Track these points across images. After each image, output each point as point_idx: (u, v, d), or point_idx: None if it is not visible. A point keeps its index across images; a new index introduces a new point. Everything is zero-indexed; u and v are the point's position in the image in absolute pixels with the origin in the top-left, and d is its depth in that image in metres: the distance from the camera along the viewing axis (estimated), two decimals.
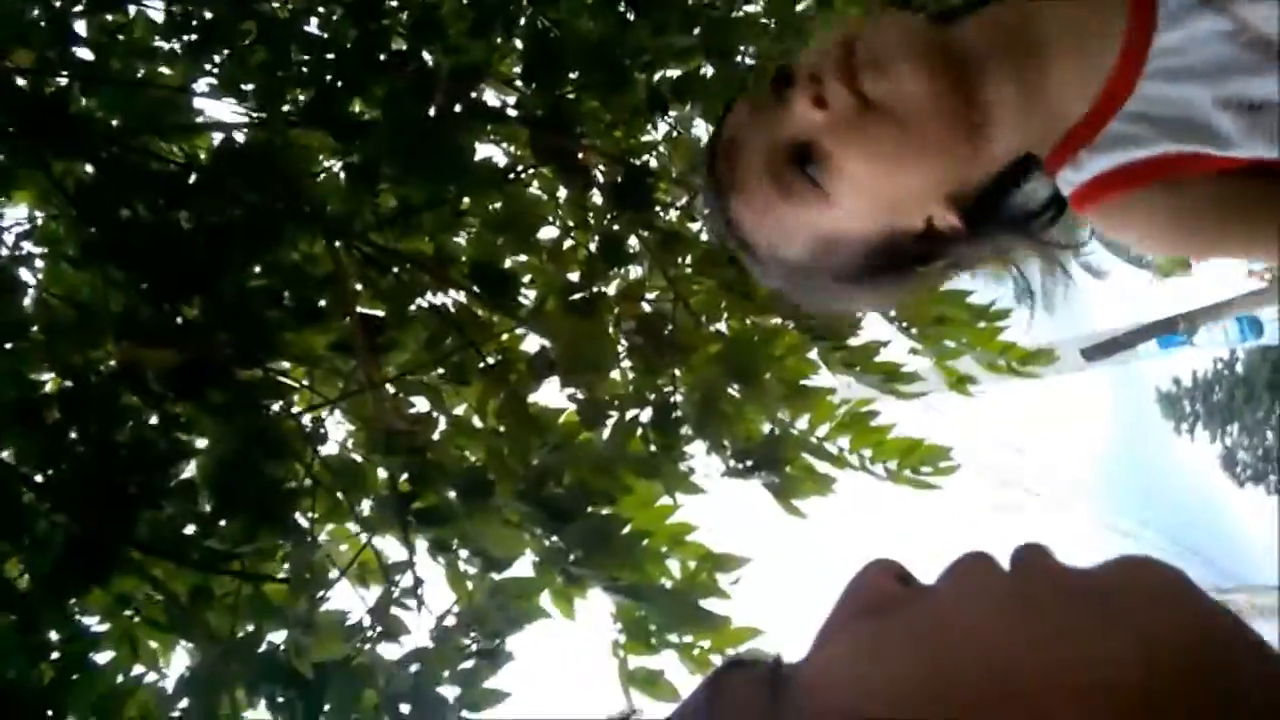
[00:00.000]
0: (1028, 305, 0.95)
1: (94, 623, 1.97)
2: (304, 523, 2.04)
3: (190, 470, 2.00)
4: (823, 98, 0.83)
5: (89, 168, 1.96)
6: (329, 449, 2.14)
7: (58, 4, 1.90)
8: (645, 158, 2.24)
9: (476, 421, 2.18)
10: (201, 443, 1.94)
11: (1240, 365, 20.10)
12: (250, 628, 1.92)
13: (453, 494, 2.02)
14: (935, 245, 0.89)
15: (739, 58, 2.24)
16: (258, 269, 1.92)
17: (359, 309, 2.01)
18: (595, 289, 2.10)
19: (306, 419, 2.10)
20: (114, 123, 1.95)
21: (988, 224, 0.88)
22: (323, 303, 1.97)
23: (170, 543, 1.87)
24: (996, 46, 0.85)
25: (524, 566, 2.02)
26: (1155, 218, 0.85)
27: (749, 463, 2.09)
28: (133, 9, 2.02)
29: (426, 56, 2.04)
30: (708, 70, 2.25)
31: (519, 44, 2.19)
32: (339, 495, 2.11)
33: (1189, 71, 0.81)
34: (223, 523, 1.89)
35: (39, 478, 1.77)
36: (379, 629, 1.91)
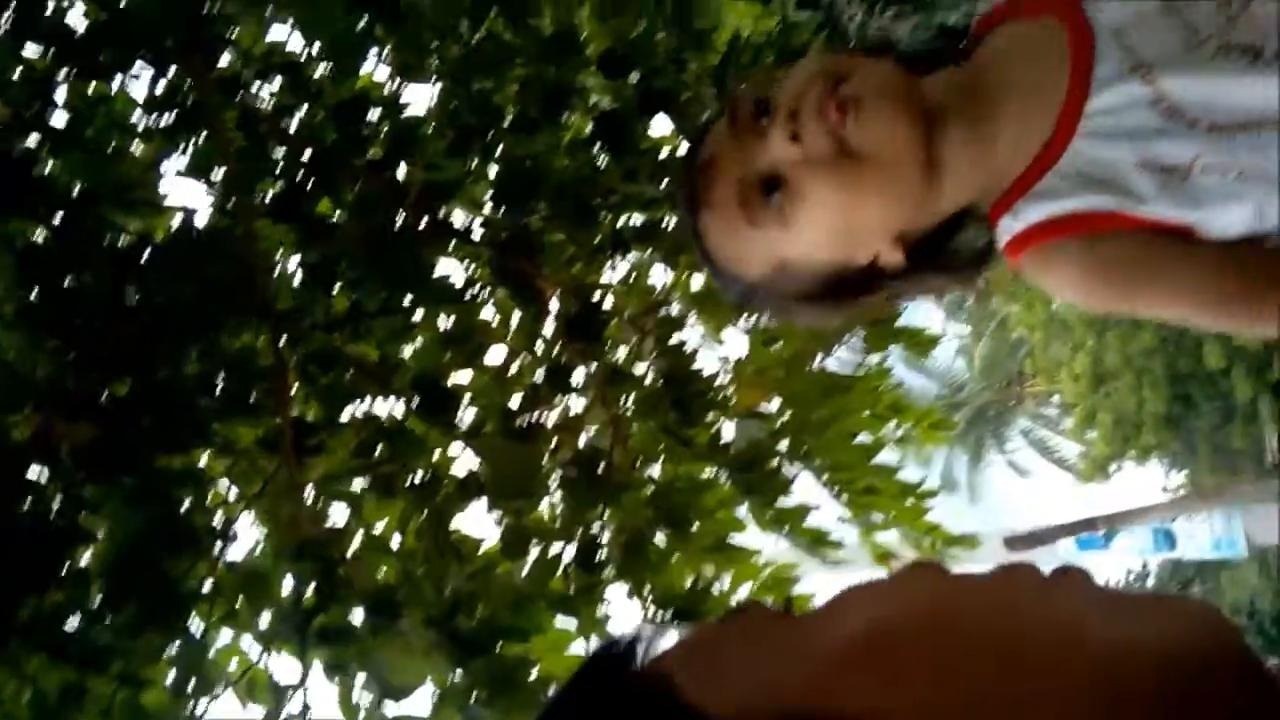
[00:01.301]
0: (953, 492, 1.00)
1: None
2: (197, 627, 1.94)
3: (86, 558, 1.90)
4: (799, 135, 0.88)
5: (41, 232, 1.92)
6: (236, 552, 2.05)
7: (42, 66, 1.89)
8: (600, 295, 2.27)
9: (395, 539, 2.11)
10: (101, 531, 1.85)
11: (1151, 579, 20.38)
12: None
13: (358, 613, 1.94)
14: (877, 278, 0.97)
15: None
16: (195, 354, 1.87)
17: (293, 407, 1.96)
18: (536, 417, 2.08)
19: (218, 516, 2.02)
20: (76, 190, 1.92)
21: (925, 263, 0.96)
22: (256, 396, 1.92)
23: (50, 633, 1.75)
24: (953, 103, 0.93)
25: (421, 701, 1.93)
26: (1071, 267, 0.90)
27: (669, 612, 2.04)
28: (117, 81, 2.03)
29: (402, 169, 2.07)
30: (671, 221, 2.31)
31: (493, 170, 2.23)
32: (238, 602, 2.01)
33: (1117, 133, 0.88)
34: (109, 619, 1.78)
35: None
36: None
